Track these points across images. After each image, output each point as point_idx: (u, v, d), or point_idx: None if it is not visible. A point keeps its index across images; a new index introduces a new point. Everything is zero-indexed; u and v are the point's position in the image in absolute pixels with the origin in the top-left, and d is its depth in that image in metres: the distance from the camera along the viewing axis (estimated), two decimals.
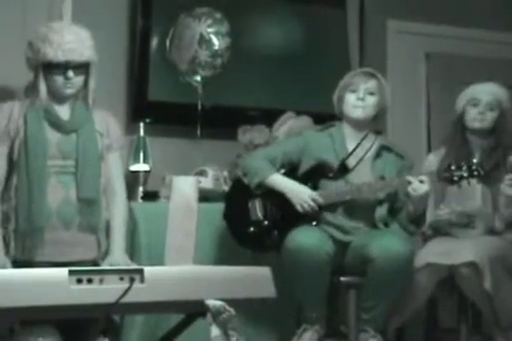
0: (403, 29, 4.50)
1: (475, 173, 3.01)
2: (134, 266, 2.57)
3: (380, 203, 3.15)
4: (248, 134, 3.80)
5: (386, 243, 2.96)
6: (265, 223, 3.18)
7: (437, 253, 3.10)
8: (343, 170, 3.17)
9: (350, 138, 3.25)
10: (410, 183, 3.05)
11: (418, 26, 4.51)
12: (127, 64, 3.93)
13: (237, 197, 3.26)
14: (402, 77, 4.49)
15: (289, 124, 3.76)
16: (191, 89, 3.77)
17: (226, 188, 3.60)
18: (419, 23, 4.50)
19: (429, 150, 4.41)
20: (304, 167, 3.21)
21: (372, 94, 3.21)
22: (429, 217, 3.29)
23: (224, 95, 3.98)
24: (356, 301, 3.10)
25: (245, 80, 4.08)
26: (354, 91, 3.21)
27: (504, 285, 3.07)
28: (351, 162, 3.20)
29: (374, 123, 3.28)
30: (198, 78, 3.74)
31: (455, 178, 3.02)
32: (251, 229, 3.18)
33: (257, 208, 3.20)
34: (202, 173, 3.67)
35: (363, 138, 3.24)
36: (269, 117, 3.85)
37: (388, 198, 3.16)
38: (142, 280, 2.11)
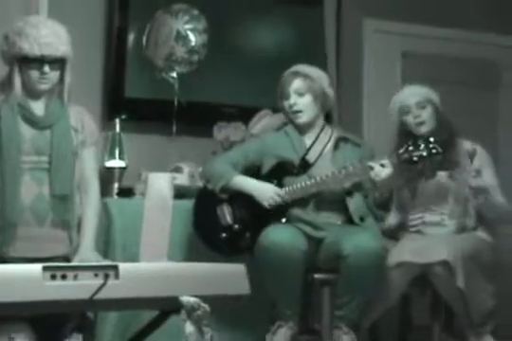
0: (380, 28, 4.50)
1: (433, 151, 3.01)
2: (108, 262, 2.55)
3: (349, 194, 3.16)
4: (224, 131, 3.80)
5: (358, 240, 2.97)
6: (236, 226, 3.19)
7: (410, 251, 3.10)
8: (305, 165, 3.19)
9: (306, 134, 3.27)
10: (372, 168, 3.06)
11: (395, 25, 4.51)
12: (103, 60, 3.92)
13: (204, 205, 3.26)
14: (379, 76, 4.50)
15: (265, 122, 3.76)
16: (167, 85, 3.76)
17: (201, 184, 3.60)
18: (396, 22, 4.51)
19: None
20: (266, 167, 3.23)
21: (301, 94, 3.21)
22: (395, 218, 3.31)
23: (200, 91, 3.96)
24: (330, 298, 3.12)
25: (221, 77, 4.07)
26: (286, 98, 3.23)
27: (477, 283, 3.09)
28: (311, 157, 3.22)
29: (324, 112, 3.29)
30: (174, 74, 3.73)
31: (415, 158, 3.03)
32: (223, 235, 3.18)
33: (226, 214, 3.21)
34: (177, 170, 3.67)
35: (320, 132, 3.26)
36: (246, 115, 3.85)
37: (355, 188, 3.17)
38: (117, 277, 2.09)
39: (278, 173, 3.20)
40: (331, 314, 3.09)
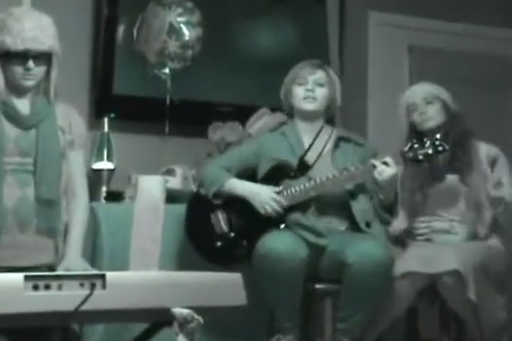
0: (385, 21, 4.53)
1: (440, 149, 3.03)
2: (95, 271, 2.53)
3: (353, 196, 3.16)
4: (220, 131, 3.81)
5: (363, 248, 2.97)
6: (232, 234, 3.19)
7: (417, 261, 3.11)
8: (303, 167, 3.20)
9: (305, 134, 3.28)
10: (374, 167, 3.07)
11: (401, 18, 4.55)
12: (91, 55, 3.93)
13: (198, 212, 3.27)
14: (384, 70, 4.52)
15: (264, 121, 3.78)
16: (159, 82, 3.77)
17: (194, 188, 3.59)
18: (402, 15, 4.54)
19: None
20: (263, 170, 3.23)
21: (321, 85, 3.25)
22: (402, 223, 3.31)
23: (194, 89, 3.98)
24: (332, 310, 3.12)
25: (217, 74, 4.09)
26: (301, 84, 3.24)
27: (489, 294, 3.09)
28: (310, 158, 3.23)
29: (327, 116, 3.32)
30: (167, 70, 3.74)
31: (420, 157, 3.05)
32: (219, 244, 3.19)
33: (221, 221, 3.21)
34: (170, 173, 3.68)
35: (319, 132, 3.27)
36: (242, 114, 3.87)
37: (359, 190, 3.17)
38: (104, 286, 2.08)
39: (275, 177, 3.21)
40: (333, 327, 3.09)
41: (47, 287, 2.03)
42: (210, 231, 3.21)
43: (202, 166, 3.42)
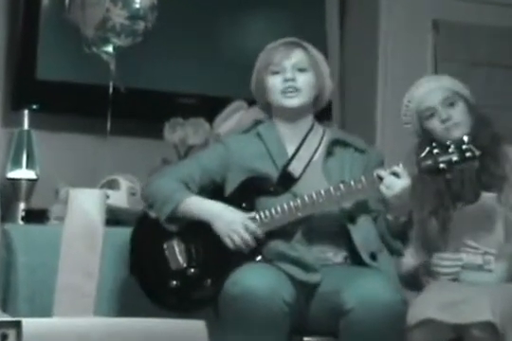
0: None
1: (468, 155, 3.03)
2: (7, 318, 2.51)
3: (352, 219, 3.16)
4: (180, 130, 3.82)
5: (367, 288, 2.96)
6: (191, 270, 3.17)
7: (438, 306, 3.09)
8: (287, 180, 3.19)
9: (288, 136, 3.28)
10: (381, 180, 3.08)
11: None
12: (7, 29, 3.93)
13: (146, 242, 3.26)
14: (403, 50, 4.58)
15: (237, 118, 3.79)
16: (99, 65, 3.76)
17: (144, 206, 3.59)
18: None
19: None
20: (232, 184, 3.22)
21: (302, 70, 3.24)
22: (414, 257, 3.31)
23: (146, 74, 4.01)
24: None
25: (177, 55, 4.11)
26: (277, 72, 3.24)
27: None
28: (295, 168, 3.22)
29: (317, 109, 3.32)
30: (110, 48, 3.74)
31: (441, 165, 3.05)
32: (173, 283, 3.17)
33: (176, 252, 3.19)
34: (112, 185, 3.68)
35: (307, 133, 3.27)
36: (210, 108, 3.89)
37: (360, 209, 3.17)
38: (19, 337, 2.08)
39: (249, 193, 3.20)
40: None
41: None
42: (163, 267, 3.18)
43: (152, 178, 3.39)
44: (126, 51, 3.77)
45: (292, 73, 3.22)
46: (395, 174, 3.07)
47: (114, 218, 3.50)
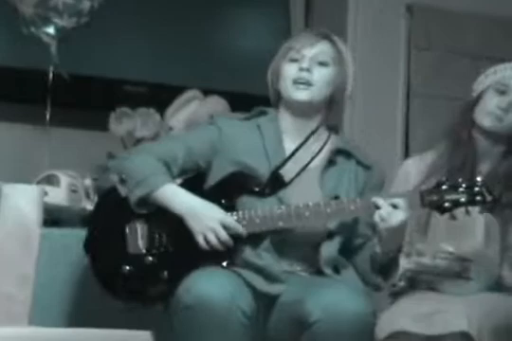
0: None
1: (478, 199, 3.03)
2: None
3: (330, 236, 3.16)
4: (127, 121, 3.81)
5: (331, 298, 2.96)
6: (149, 259, 3.14)
7: (411, 317, 3.13)
8: (276, 182, 3.18)
9: (289, 134, 3.26)
10: (377, 207, 3.06)
11: None
12: None
13: (107, 218, 3.22)
14: (374, 37, 4.59)
15: (192, 109, 3.77)
16: (38, 47, 3.76)
17: (89, 205, 3.58)
18: None
19: (407, 145, 4.52)
20: (216, 175, 3.20)
21: (323, 64, 3.23)
22: (402, 262, 3.31)
23: (92, 59, 4.03)
24: None
25: (125, 39, 4.14)
26: (295, 60, 3.23)
27: None
28: (288, 171, 3.21)
29: (328, 112, 3.29)
30: (52, 29, 3.73)
31: (447, 204, 3.04)
32: (127, 268, 3.14)
33: (138, 236, 3.17)
34: (50, 181, 3.66)
35: (311, 135, 3.26)
36: (160, 97, 3.90)
37: (341, 229, 3.17)
38: None
39: (232, 189, 3.18)
40: None
41: None
42: (120, 248, 3.15)
43: (130, 151, 3.36)
44: (69, 33, 3.75)
45: (309, 64, 3.19)
46: (394, 206, 3.04)
47: (52, 217, 3.50)
